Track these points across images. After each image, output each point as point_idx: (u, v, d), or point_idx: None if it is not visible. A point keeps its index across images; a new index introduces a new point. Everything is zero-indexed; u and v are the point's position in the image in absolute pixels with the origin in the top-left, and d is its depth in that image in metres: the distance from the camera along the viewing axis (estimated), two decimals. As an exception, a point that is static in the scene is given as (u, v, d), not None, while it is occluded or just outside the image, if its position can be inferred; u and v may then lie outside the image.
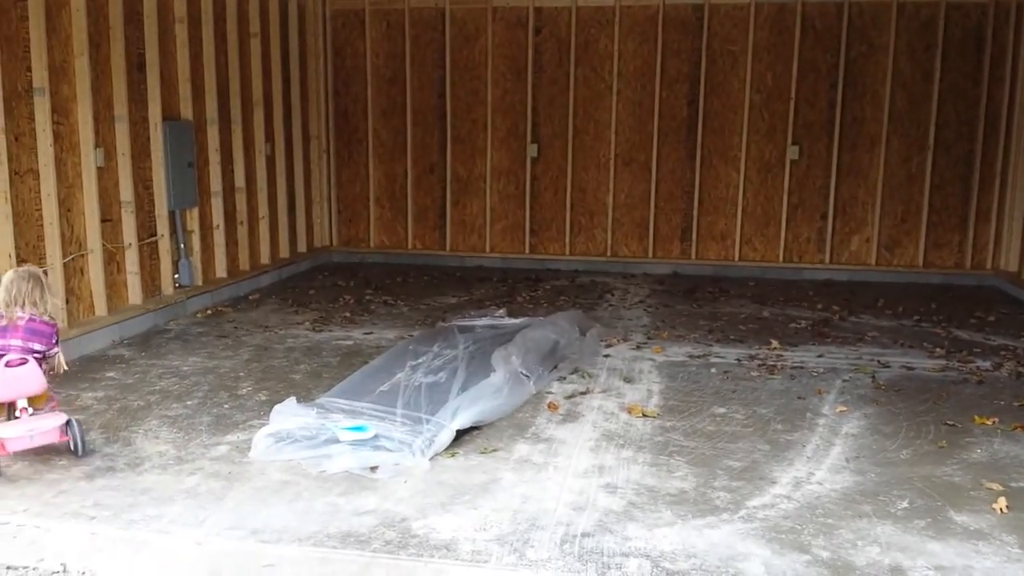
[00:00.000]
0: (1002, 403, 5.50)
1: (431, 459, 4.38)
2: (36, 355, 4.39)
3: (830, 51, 9.58)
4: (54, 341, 4.50)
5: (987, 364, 6.38)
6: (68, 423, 4.39)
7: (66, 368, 4.75)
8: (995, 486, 4.20)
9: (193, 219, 8.04)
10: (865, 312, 8.14)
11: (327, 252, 10.77)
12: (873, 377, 6.00)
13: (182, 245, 7.85)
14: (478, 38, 10.17)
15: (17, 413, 4.35)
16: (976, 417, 5.17)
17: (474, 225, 10.57)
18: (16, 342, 4.37)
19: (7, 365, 4.28)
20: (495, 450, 4.60)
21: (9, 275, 4.51)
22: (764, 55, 9.71)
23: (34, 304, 4.44)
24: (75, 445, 4.39)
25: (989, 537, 3.70)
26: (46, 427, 4.32)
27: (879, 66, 9.52)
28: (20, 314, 4.41)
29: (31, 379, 4.34)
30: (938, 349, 6.78)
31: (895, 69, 9.49)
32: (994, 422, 5.10)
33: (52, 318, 4.52)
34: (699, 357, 6.49)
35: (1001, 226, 9.55)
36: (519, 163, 10.34)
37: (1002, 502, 3.99)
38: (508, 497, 4.02)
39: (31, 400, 4.42)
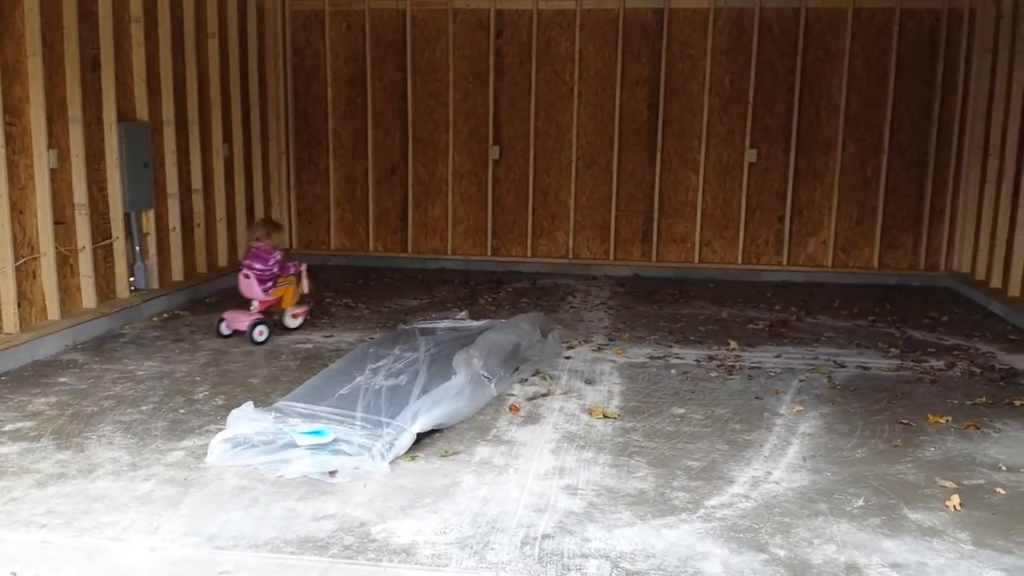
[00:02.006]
0: (955, 402, 5.60)
1: (391, 463, 4.35)
2: (256, 271, 6.83)
3: (787, 56, 9.71)
4: (271, 263, 6.85)
5: (940, 364, 6.50)
6: (252, 322, 6.68)
7: (307, 291, 7.21)
8: (948, 484, 4.27)
9: (149, 221, 7.92)
10: (821, 313, 8.25)
11: (287, 254, 10.65)
12: (829, 377, 6.08)
13: (137, 248, 7.73)
14: (439, 40, 10.15)
15: (251, 307, 6.91)
16: (930, 416, 5.26)
17: (436, 227, 10.54)
18: (247, 261, 6.91)
19: (244, 276, 6.86)
20: (456, 453, 4.59)
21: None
22: (723, 59, 9.80)
23: (261, 238, 6.95)
24: (248, 337, 6.65)
25: (943, 534, 3.77)
26: (241, 319, 6.80)
27: (835, 71, 9.67)
28: (254, 243, 6.96)
29: (250, 287, 6.85)
30: (893, 349, 6.89)
31: (851, 74, 9.64)
32: (947, 421, 5.20)
33: (278, 248, 6.98)
34: (659, 358, 6.53)
35: (954, 228, 9.73)
36: (481, 165, 10.34)
37: (955, 499, 4.06)
38: (468, 500, 4.01)
39: (285, 303, 7.05)
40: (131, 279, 7.67)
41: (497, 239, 10.48)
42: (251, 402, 4.83)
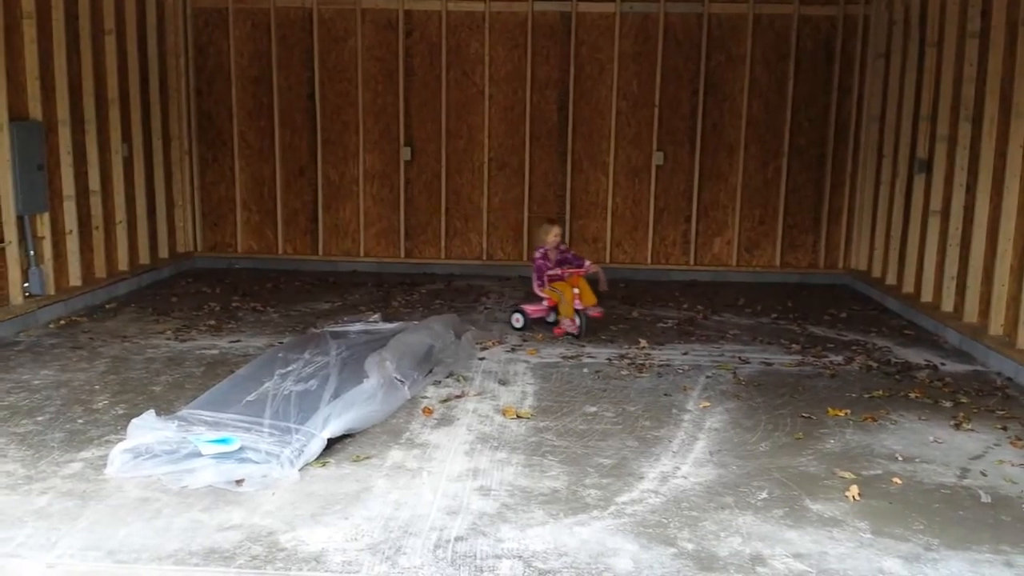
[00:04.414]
0: (853, 395, 5.81)
1: (301, 469, 4.28)
2: (534, 265, 7.52)
3: (691, 60, 9.92)
4: (536, 259, 7.43)
5: (839, 359, 6.73)
6: (512, 308, 7.65)
7: (604, 288, 7.44)
8: (848, 475, 4.43)
9: (44, 224, 7.60)
10: (727, 311, 8.46)
11: (191, 258, 10.39)
12: (734, 373, 6.24)
13: (32, 252, 7.41)
14: (347, 39, 10.04)
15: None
16: (830, 409, 5.45)
17: (347, 229, 10.42)
18: None
19: None
20: (368, 457, 4.54)
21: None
22: (629, 63, 9.96)
23: (543, 242, 7.48)
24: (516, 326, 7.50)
25: (843, 524, 3.90)
26: (538, 307, 7.54)
27: (737, 75, 9.92)
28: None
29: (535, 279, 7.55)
30: (794, 345, 7.11)
31: (752, 78, 9.91)
32: (846, 414, 5.39)
33: (541, 247, 7.48)
34: (572, 358, 6.59)
35: (851, 227, 10.11)
36: (392, 166, 10.26)
37: (854, 490, 4.21)
38: (381, 505, 3.97)
39: (584, 300, 7.21)
40: (25, 284, 7.35)
41: (410, 241, 10.41)
42: (153, 411, 4.67)
